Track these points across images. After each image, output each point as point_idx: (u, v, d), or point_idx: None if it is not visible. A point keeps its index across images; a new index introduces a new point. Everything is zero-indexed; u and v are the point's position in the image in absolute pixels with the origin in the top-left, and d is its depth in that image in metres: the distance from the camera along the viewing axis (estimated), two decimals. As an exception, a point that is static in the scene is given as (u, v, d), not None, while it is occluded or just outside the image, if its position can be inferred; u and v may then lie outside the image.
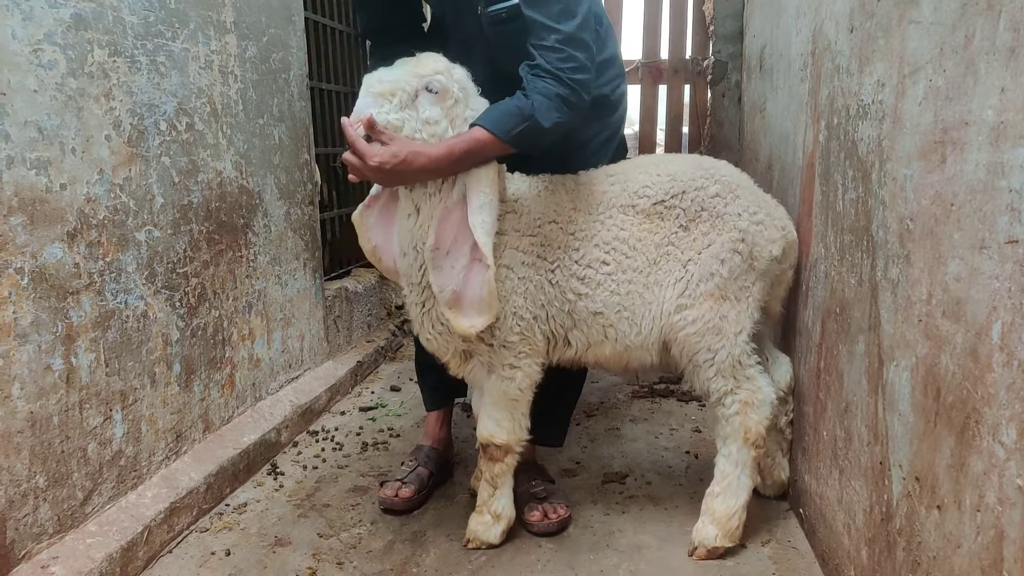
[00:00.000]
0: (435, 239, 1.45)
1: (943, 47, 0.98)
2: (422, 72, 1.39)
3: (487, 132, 1.40)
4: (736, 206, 1.53)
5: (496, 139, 1.40)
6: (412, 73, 1.39)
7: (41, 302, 1.37)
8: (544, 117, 1.41)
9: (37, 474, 1.37)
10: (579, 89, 1.44)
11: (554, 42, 1.42)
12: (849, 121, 1.36)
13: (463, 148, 1.39)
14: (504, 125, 1.40)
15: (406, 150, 1.36)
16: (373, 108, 1.37)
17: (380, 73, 1.39)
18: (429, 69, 1.40)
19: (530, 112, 1.41)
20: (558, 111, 1.42)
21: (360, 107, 1.38)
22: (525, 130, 1.41)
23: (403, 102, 1.38)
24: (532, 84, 1.42)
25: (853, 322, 1.33)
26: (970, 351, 0.91)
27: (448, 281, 1.45)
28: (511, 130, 1.40)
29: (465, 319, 1.45)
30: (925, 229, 1.03)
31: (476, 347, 1.56)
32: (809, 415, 1.62)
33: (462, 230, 1.44)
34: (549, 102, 1.41)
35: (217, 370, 1.96)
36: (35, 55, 1.36)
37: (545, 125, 1.42)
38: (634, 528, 1.70)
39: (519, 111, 1.41)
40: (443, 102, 1.42)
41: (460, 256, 1.44)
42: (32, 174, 1.35)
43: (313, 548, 1.64)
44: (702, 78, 3.34)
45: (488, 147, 1.41)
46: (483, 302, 1.43)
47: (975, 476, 0.90)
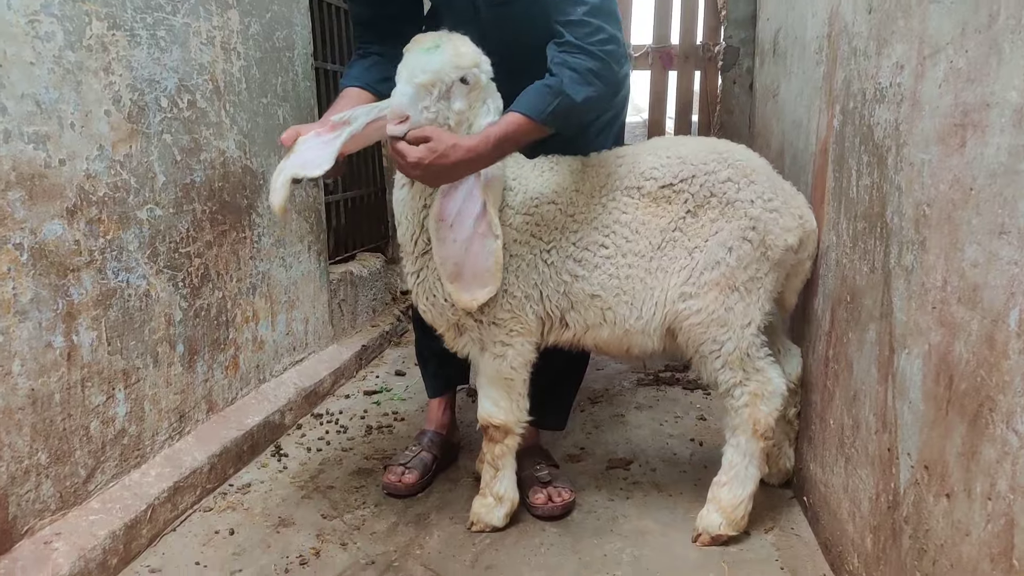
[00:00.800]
0: (440, 210, 1.44)
1: (965, 27, 0.95)
2: (461, 64, 1.38)
3: (522, 116, 1.39)
4: (749, 192, 1.48)
5: (531, 121, 1.39)
6: (452, 65, 1.37)
7: (41, 279, 1.36)
8: (575, 92, 1.39)
9: (39, 451, 1.37)
10: (609, 61, 1.42)
11: (581, 15, 1.40)
12: (865, 105, 1.33)
13: (499, 134, 1.38)
14: (537, 106, 1.39)
15: (443, 144, 1.34)
16: (415, 103, 1.35)
17: (421, 61, 1.36)
18: (468, 61, 1.39)
19: (560, 88, 1.39)
20: (590, 85, 1.40)
21: (401, 98, 1.35)
22: (558, 107, 1.39)
23: (441, 94, 1.38)
24: (561, 60, 1.41)
25: (864, 310, 1.31)
26: (986, 338, 0.89)
27: (450, 253, 1.44)
28: (544, 109, 1.39)
29: (466, 293, 1.46)
30: (942, 214, 1.01)
31: (466, 322, 1.55)
32: (816, 403, 1.61)
33: (467, 202, 1.43)
34: (579, 76, 1.40)
35: (221, 351, 1.95)
36: (31, 26, 1.33)
37: (577, 100, 1.40)
38: (638, 514, 1.70)
39: (549, 89, 1.39)
40: (471, 92, 1.42)
41: (463, 228, 1.43)
42: (30, 148, 1.33)
43: (317, 529, 1.65)
44: (713, 64, 3.29)
45: (525, 130, 1.40)
46: (488, 273, 1.43)
47: (987, 464, 0.88)
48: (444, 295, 1.53)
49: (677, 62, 3.37)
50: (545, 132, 1.43)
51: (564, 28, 1.42)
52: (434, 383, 1.99)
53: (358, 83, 1.62)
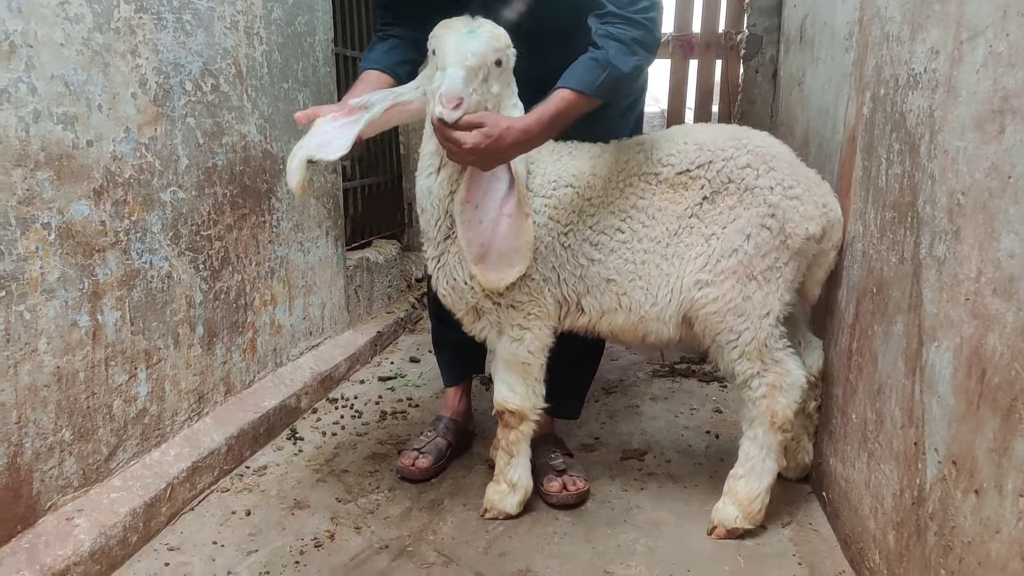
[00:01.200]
0: (467, 193, 1.44)
1: (1007, 9, 0.92)
2: (497, 46, 1.39)
3: (572, 92, 1.39)
4: (768, 179, 1.46)
5: (582, 96, 1.40)
6: (492, 47, 1.38)
7: (68, 258, 1.38)
8: (622, 63, 1.40)
9: (63, 428, 1.39)
10: (653, 28, 1.44)
11: None
12: (898, 91, 1.29)
13: (552, 112, 1.38)
14: (587, 79, 1.40)
15: (498, 128, 1.34)
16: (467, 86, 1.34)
17: (466, 44, 1.36)
18: (503, 43, 1.40)
19: (607, 60, 1.39)
20: (635, 54, 1.41)
21: (454, 81, 1.33)
22: (607, 79, 1.40)
23: (484, 76, 1.38)
24: (604, 31, 1.42)
25: (891, 302, 1.28)
26: (1021, 330, 0.87)
27: (477, 236, 1.45)
28: (594, 83, 1.40)
29: (494, 273, 1.46)
30: (978, 203, 0.98)
31: (484, 305, 1.55)
32: (838, 397, 1.58)
33: (492, 184, 1.43)
34: (624, 47, 1.40)
35: (239, 334, 1.97)
36: (61, 8, 1.34)
37: (625, 70, 1.41)
38: (652, 505, 1.69)
39: (596, 63, 1.40)
40: (503, 74, 1.42)
41: (489, 210, 1.44)
42: (59, 129, 1.35)
43: (331, 512, 1.66)
44: (735, 53, 3.23)
45: (576, 105, 1.41)
46: (517, 253, 1.43)
47: (1019, 460, 0.86)
48: (465, 278, 1.53)
49: (698, 50, 3.32)
50: (594, 105, 1.43)
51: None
52: (450, 372, 2.00)
53: (377, 66, 1.62)
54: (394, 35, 1.66)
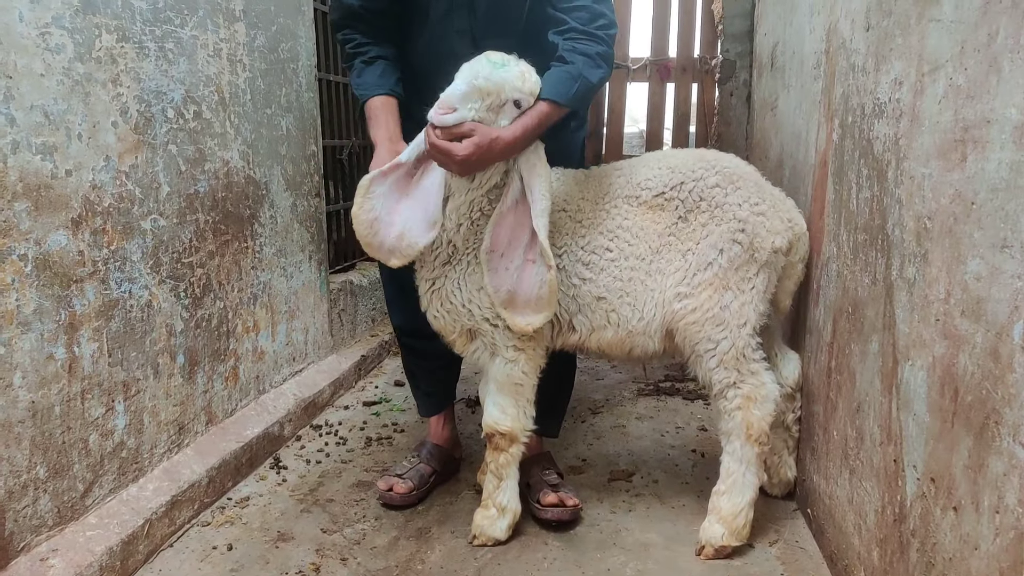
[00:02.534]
0: (491, 242, 1.49)
1: (964, 45, 0.97)
2: (523, 88, 1.44)
3: (548, 103, 1.47)
4: (736, 196, 1.54)
5: (557, 106, 1.48)
6: (515, 87, 1.43)
7: (44, 290, 1.36)
8: (591, 75, 1.51)
9: (37, 465, 1.36)
10: (611, 43, 1.55)
11: (585, 1, 1.52)
12: (864, 119, 1.34)
13: (534, 123, 1.46)
14: (562, 91, 1.48)
15: (487, 139, 1.40)
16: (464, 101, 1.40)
17: (487, 69, 1.41)
18: (528, 87, 1.45)
19: (578, 73, 1.49)
20: (600, 67, 1.52)
21: (454, 91, 1.40)
22: (579, 90, 1.50)
23: (494, 105, 1.42)
24: (570, 46, 1.51)
25: (867, 321, 1.31)
26: (990, 351, 0.90)
27: (503, 282, 1.50)
28: (568, 93, 1.48)
29: (521, 317, 1.51)
30: (944, 228, 1.02)
31: (480, 326, 1.58)
32: (819, 415, 1.61)
33: (516, 233, 1.49)
34: (591, 60, 1.51)
35: (221, 362, 1.94)
36: (42, 38, 1.34)
37: (594, 81, 1.52)
38: (641, 527, 1.69)
39: (569, 75, 1.49)
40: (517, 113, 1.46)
41: (515, 258, 1.49)
42: (37, 159, 1.34)
43: (316, 543, 1.63)
44: (710, 77, 3.32)
45: (552, 115, 1.48)
46: (541, 300, 1.49)
47: (994, 477, 0.89)
48: (463, 301, 1.56)
49: (675, 74, 3.40)
50: (564, 114, 1.52)
51: (567, 15, 1.53)
52: (428, 401, 1.99)
53: (383, 90, 1.63)
54: (378, 56, 1.67)
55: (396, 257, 1.53)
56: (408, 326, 1.89)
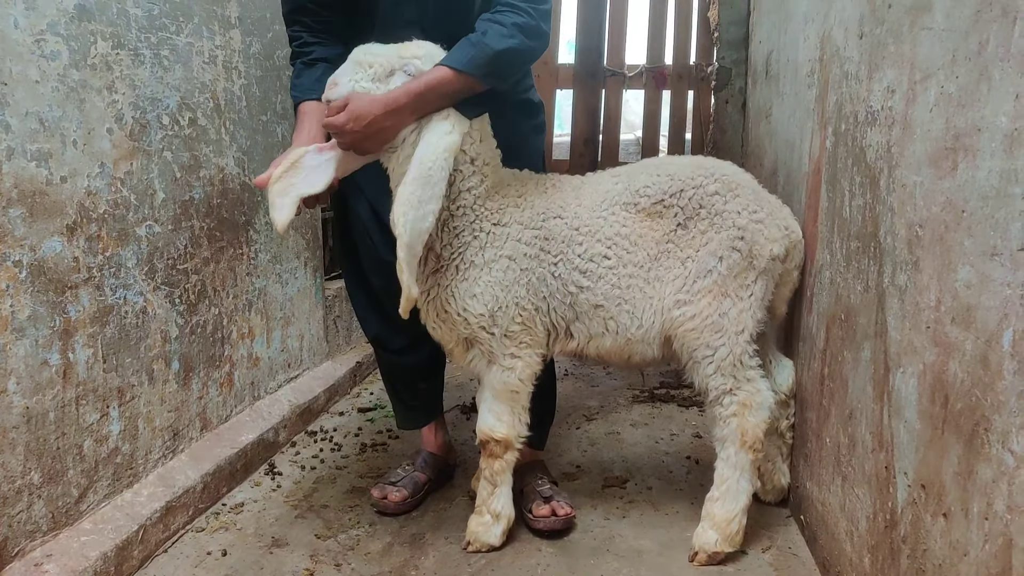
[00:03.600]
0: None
1: (955, 53, 0.98)
2: (404, 54, 1.45)
3: (443, 67, 1.43)
4: (735, 204, 1.54)
5: (453, 71, 1.42)
6: (395, 53, 1.46)
7: (39, 296, 1.36)
8: (495, 42, 1.43)
9: (32, 470, 1.35)
10: (537, 17, 1.47)
11: None
12: (857, 127, 1.35)
13: (423, 85, 1.41)
14: (457, 57, 1.44)
15: (361, 104, 1.38)
16: (348, 75, 1.43)
17: (369, 46, 1.46)
18: (410, 53, 1.46)
19: (479, 40, 1.44)
20: (512, 37, 1.45)
21: (337, 72, 1.44)
22: (478, 56, 1.42)
23: (378, 75, 1.43)
24: (488, 17, 1.48)
25: (859, 328, 1.32)
26: (980, 358, 0.90)
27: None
28: (463, 59, 1.42)
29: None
30: (935, 235, 1.03)
31: (478, 335, 1.56)
32: (812, 421, 1.62)
33: None
34: (503, 28, 1.45)
35: (216, 368, 1.94)
36: (37, 45, 1.34)
37: (497, 48, 1.43)
38: (634, 533, 1.69)
39: (469, 42, 1.45)
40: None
41: None
42: (32, 166, 1.34)
43: (311, 549, 1.63)
44: (706, 84, 3.34)
45: (447, 80, 1.42)
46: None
47: (983, 484, 0.89)
48: (458, 310, 1.54)
49: (671, 82, 3.42)
50: (473, 84, 1.44)
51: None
52: (408, 415, 1.95)
53: (314, 95, 1.57)
54: (320, 58, 1.62)
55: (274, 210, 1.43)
56: (382, 337, 1.86)
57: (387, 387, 1.99)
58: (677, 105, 3.45)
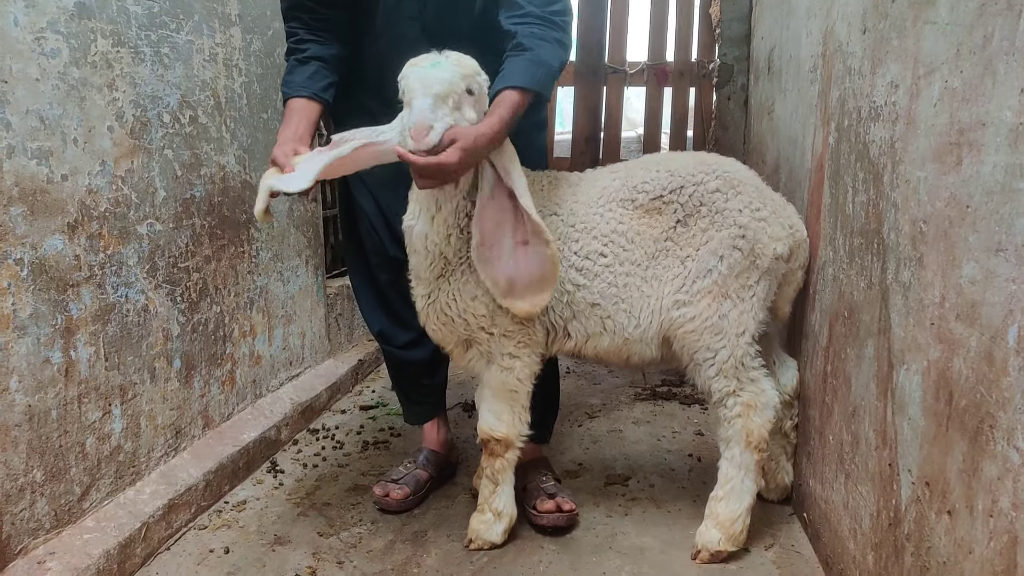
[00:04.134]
0: (480, 236, 1.46)
1: (960, 48, 0.97)
2: (466, 73, 1.42)
3: (517, 90, 1.46)
4: (737, 202, 1.51)
5: (525, 92, 1.47)
6: (459, 75, 1.39)
7: (41, 294, 1.36)
8: (553, 59, 1.51)
9: (34, 468, 1.36)
10: (567, 28, 1.56)
11: None
12: (860, 123, 1.34)
13: (509, 113, 1.44)
14: (528, 77, 1.47)
15: (471, 139, 1.37)
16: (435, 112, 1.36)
17: (431, 74, 1.38)
18: (471, 70, 1.43)
19: (540, 58, 1.49)
20: (560, 51, 1.53)
21: (423, 110, 1.35)
22: (544, 75, 1.50)
23: (455, 104, 1.39)
24: (528, 32, 1.50)
25: (862, 325, 1.31)
26: (985, 355, 0.90)
27: (500, 272, 1.47)
28: (534, 79, 1.48)
29: (523, 302, 1.48)
30: (939, 231, 1.02)
31: (476, 335, 1.56)
32: (815, 419, 1.61)
33: (500, 219, 1.46)
34: (551, 45, 1.51)
35: (218, 366, 1.94)
36: (38, 43, 1.34)
37: (556, 66, 1.52)
38: (637, 531, 1.69)
39: (532, 62, 1.49)
40: (477, 103, 1.45)
41: (504, 244, 1.47)
42: (33, 164, 1.34)
43: (313, 547, 1.63)
44: (708, 81, 3.33)
45: (523, 102, 1.48)
46: (545, 278, 1.47)
47: (988, 481, 0.88)
48: (458, 313, 1.54)
49: (672, 78, 3.41)
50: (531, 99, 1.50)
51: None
52: (415, 410, 1.97)
53: (305, 92, 1.57)
54: (313, 57, 1.61)
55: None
56: (388, 334, 1.87)
57: (393, 382, 2.02)
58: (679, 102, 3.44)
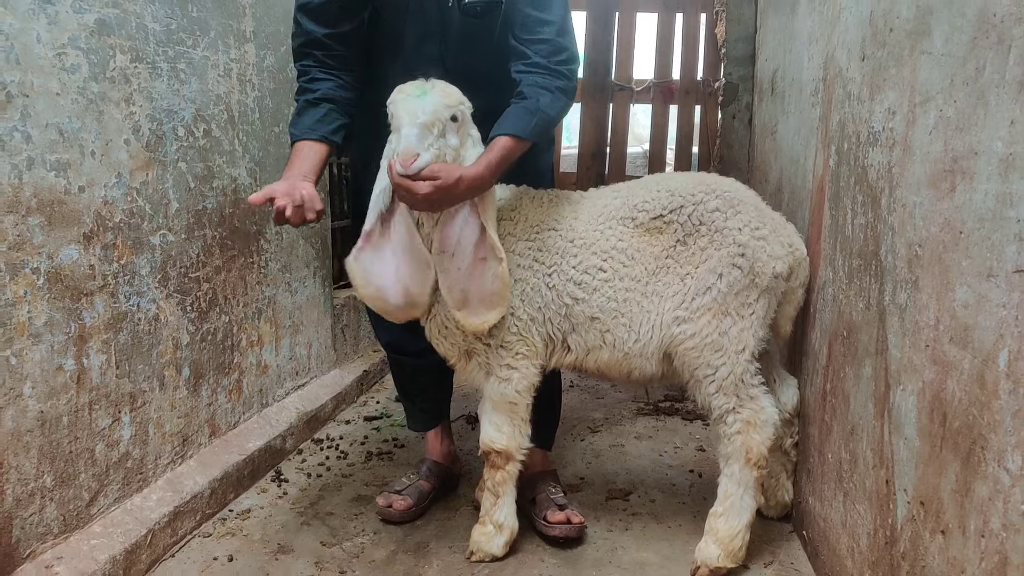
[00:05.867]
0: (440, 242, 1.50)
1: (954, 78, 1.00)
2: (449, 103, 1.46)
3: (510, 137, 1.50)
4: (736, 221, 1.54)
5: (519, 140, 1.51)
6: (443, 104, 1.44)
7: (55, 302, 1.39)
8: (550, 108, 1.55)
9: (45, 474, 1.38)
10: (572, 78, 1.60)
11: (548, 35, 1.56)
12: (859, 147, 1.37)
13: (498, 158, 1.48)
14: (522, 126, 1.51)
15: (451, 179, 1.41)
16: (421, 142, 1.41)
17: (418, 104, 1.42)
18: (455, 100, 1.47)
19: (537, 108, 1.53)
20: (560, 101, 1.57)
21: (409, 138, 1.40)
22: (538, 124, 1.53)
23: (440, 132, 1.44)
24: (532, 81, 1.55)
25: (860, 345, 1.33)
26: (977, 377, 0.92)
27: (456, 282, 1.51)
28: (528, 128, 1.52)
29: (475, 317, 1.52)
30: (934, 256, 1.04)
31: (475, 347, 1.59)
32: (814, 437, 1.62)
33: (465, 229, 1.50)
34: (551, 95, 1.54)
35: (225, 375, 1.97)
36: (58, 59, 1.38)
37: (553, 115, 1.56)
38: (637, 545, 1.70)
39: (527, 110, 1.52)
40: (460, 129, 1.49)
41: (465, 256, 1.50)
42: (51, 175, 1.38)
43: (316, 556, 1.64)
44: (713, 99, 3.37)
45: (516, 149, 1.51)
46: (495, 295, 1.50)
47: (980, 501, 0.90)
48: (455, 325, 1.57)
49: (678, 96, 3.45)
50: (527, 147, 1.55)
51: (529, 47, 1.56)
52: (422, 417, 1.99)
53: (314, 135, 1.57)
54: (324, 98, 1.61)
55: (415, 310, 1.58)
56: (396, 343, 1.90)
57: (399, 390, 2.05)
58: (684, 120, 3.48)
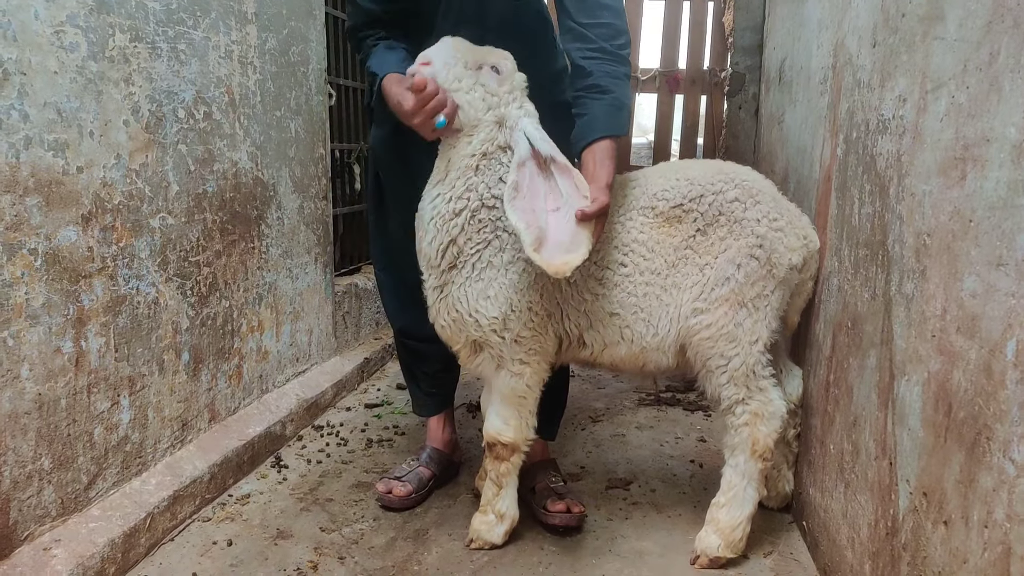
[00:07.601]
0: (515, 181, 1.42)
1: (967, 64, 0.98)
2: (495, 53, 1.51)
3: (609, 139, 1.51)
4: (755, 211, 1.52)
5: (616, 138, 1.53)
6: (487, 51, 1.50)
7: (53, 284, 1.38)
8: (627, 98, 1.57)
9: (43, 456, 1.38)
10: (629, 61, 1.60)
11: (608, 19, 1.55)
12: (868, 135, 1.35)
13: (611, 165, 1.50)
14: (615, 124, 1.53)
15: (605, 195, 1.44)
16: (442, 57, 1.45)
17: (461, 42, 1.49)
18: (501, 54, 1.51)
19: (622, 102, 1.55)
20: (628, 87, 1.58)
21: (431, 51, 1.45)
22: (626, 118, 1.57)
23: (469, 64, 1.47)
24: (602, 70, 1.54)
25: (865, 336, 1.32)
26: (983, 367, 0.91)
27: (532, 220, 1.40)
28: (622, 124, 1.55)
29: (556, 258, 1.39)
30: (942, 245, 1.03)
31: (489, 338, 1.55)
32: (816, 428, 1.61)
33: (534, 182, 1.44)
34: (623, 83, 1.55)
35: (225, 360, 1.96)
36: (57, 37, 1.37)
37: (629, 104, 1.61)
38: (637, 534, 1.70)
39: (615, 107, 1.53)
40: (503, 84, 1.49)
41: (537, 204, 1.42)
42: (49, 156, 1.36)
43: (315, 542, 1.64)
44: (719, 89, 3.34)
45: (616, 146, 1.54)
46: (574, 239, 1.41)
47: (984, 492, 0.89)
48: (469, 311, 1.52)
49: (684, 86, 3.42)
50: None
51: (589, 30, 1.54)
52: (428, 401, 1.98)
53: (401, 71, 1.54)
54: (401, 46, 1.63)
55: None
56: (410, 329, 1.90)
57: (406, 376, 2.03)
58: (690, 110, 3.45)
